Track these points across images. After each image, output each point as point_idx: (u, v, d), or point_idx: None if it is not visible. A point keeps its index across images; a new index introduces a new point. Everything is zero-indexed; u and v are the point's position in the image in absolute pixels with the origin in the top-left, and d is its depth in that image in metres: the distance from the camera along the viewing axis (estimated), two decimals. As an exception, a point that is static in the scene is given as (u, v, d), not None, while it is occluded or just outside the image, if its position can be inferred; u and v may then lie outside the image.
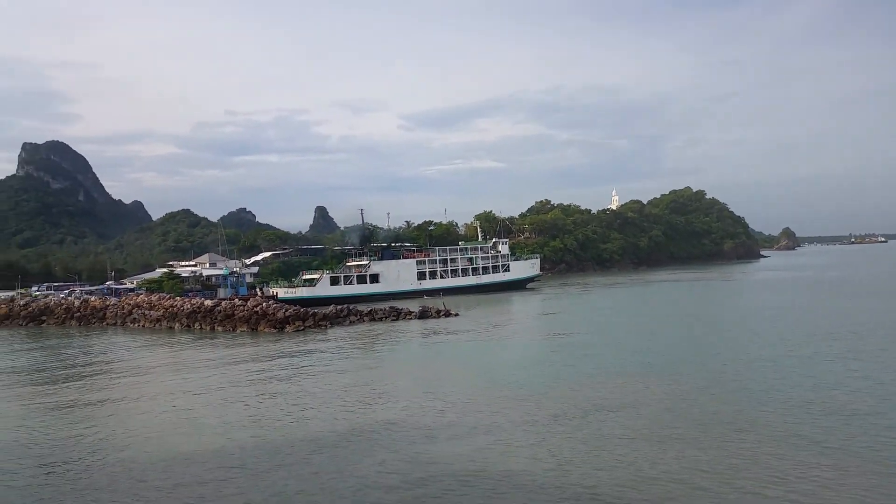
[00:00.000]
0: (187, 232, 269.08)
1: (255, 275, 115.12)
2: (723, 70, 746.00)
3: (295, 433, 24.39)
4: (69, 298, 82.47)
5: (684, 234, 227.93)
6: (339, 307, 65.82)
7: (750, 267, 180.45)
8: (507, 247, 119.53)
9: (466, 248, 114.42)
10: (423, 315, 65.73)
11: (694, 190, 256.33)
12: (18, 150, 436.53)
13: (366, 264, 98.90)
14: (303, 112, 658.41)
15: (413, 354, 45.07)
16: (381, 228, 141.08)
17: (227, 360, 44.06)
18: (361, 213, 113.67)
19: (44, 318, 77.93)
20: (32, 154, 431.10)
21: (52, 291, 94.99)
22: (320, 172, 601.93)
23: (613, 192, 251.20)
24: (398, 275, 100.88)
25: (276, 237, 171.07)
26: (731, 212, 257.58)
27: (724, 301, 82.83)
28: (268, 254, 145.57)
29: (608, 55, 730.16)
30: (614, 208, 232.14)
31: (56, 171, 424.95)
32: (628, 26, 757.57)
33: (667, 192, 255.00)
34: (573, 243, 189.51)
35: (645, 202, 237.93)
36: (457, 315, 66.95)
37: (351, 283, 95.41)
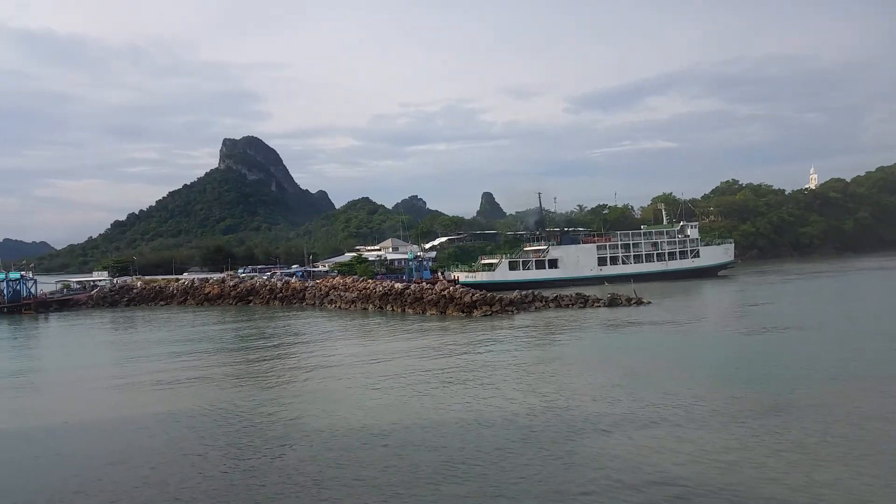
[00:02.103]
0: (367, 219, 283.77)
1: (433, 259, 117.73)
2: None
3: (473, 418, 23.10)
4: (272, 280, 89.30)
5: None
6: (523, 292, 64.47)
7: None
8: (696, 231, 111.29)
9: (651, 233, 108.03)
10: (612, 303, 62.38)
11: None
12: (220, 146, 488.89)
13: (544, 249, 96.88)
14: (469, 100, 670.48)
15: (605, 344, 41.95)
16: (554, 213, 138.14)
17: (417, 342, 44.33)
18: (539, 197, 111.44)
19: (250, 298, 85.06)
20: (231, 149, 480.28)
21: (257, 273, 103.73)
22: (486, 159, 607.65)
23: (811, 171, 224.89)
24: (578, 260, 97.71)
25: (451, 222, 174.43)
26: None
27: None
28: (444, 239, 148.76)
29: (794, 21, 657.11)
30: (812, 188, 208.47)
31: (251, 164, 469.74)
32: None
33: (872, 170, 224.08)
34: (767, 227, 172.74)
35: (848, 181, 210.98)
36: (648, 304, 62.79)
37: (529, 268, 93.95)
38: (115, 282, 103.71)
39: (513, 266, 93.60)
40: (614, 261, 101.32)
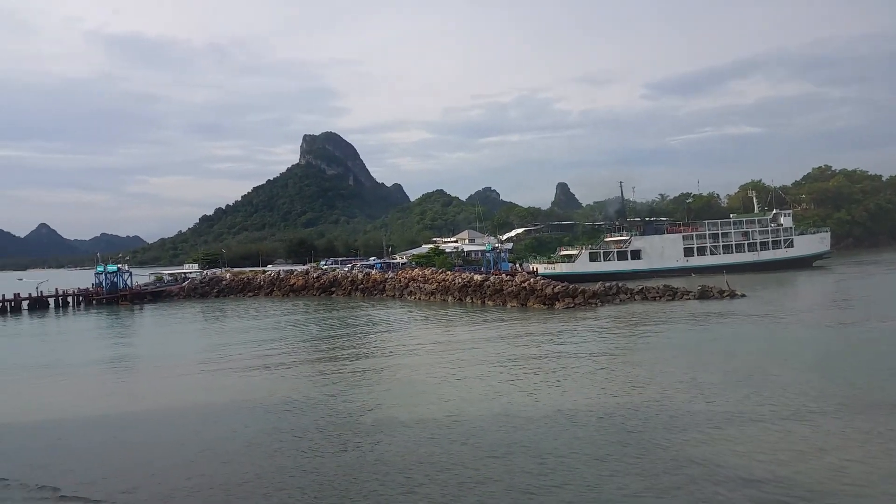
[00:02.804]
0: (441, 211, 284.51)
1: (509, 251, 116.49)
2: None
3: (566, 417, 21.97)
4: (353, 272, 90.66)
5: None
6: (607, 284, 62.55)
7: None
8: (790, 219, 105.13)
9: (741, 221, 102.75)
10: (703, 295, 59.60)
11: None
12: (300, 142, 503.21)
13: (626, 239, 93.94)
14: (543, 90, 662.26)
15: (698, 339, 39.63)
16: (635, 202, 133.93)
17: (499, 335, 43.58)
18: (620, 186, 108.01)
19: (333, 289, 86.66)
20: (311, 144, 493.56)
21: (338, 265, 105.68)
22: (560, 149, 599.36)
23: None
24: (662, 250, 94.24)
25: (527, 213, 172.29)
26: None
27: None
28: (520, 230, 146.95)
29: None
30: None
31: (330, 159, 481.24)
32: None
33: None
34: (863, 214, 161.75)
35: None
36: (742, 296, 59.60)
37: (611, 259, 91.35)
38: (205, 274, 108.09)
39: (593, 257, 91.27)
40: (702, 251, 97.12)
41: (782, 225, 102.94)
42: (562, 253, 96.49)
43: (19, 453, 21.51)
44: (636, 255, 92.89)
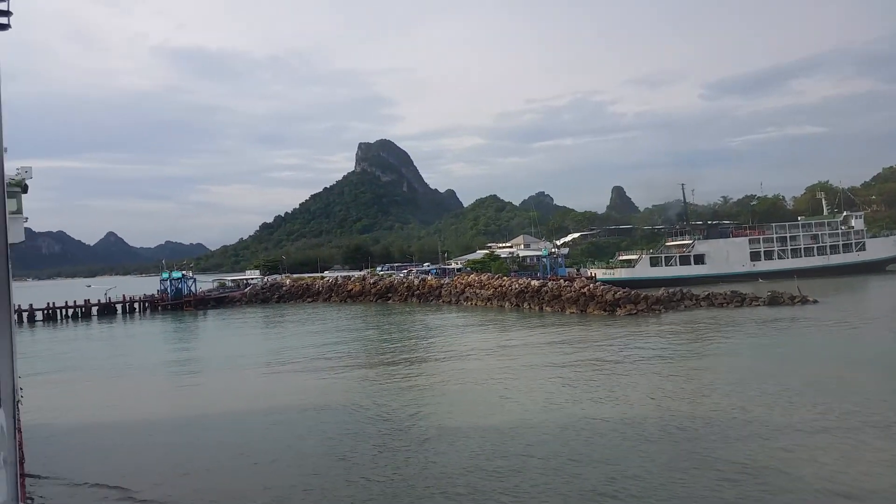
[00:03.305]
0: (495, 216, 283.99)
1: (565, 256, 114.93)
2: None
3: (634, 431, 20.88)
4: (409, 277, 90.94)
5: None
6: (670, 290, 60.69)
7: None
8: (861, 221, 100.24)
9: (810, 224, 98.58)
10: (773, 301, 57.16)
11: None
12: (355, 150, 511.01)
13: (689, 244, 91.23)
14: (597, 93, 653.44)
15: (771, 347, 37.66)
16: (696, 205, 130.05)
17: (559, 342, 42.67)
18: (682, 188, 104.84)
19: (389, 294, 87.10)
20: (366, 152, 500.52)
21: (394, 271, 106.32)
22: (615, 152, 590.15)
23: None
24: (727, 255, 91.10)
25: (583, 218, 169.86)
26: None
27: None
28: (576, 234, 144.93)
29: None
30: None
31: (384, 166, 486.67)
32: None
33: None
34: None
35: None
36: (815, 302, 56.94)
37: (673, 263, 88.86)
38: (266, 280, 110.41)
39: (654, 262, 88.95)
40: (769, 255, 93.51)
41: (853, 227, 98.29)
42: (621, 258, 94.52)
43: (89, 453, 22.03)
44: (699, 259, 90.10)
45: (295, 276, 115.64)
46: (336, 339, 50.68)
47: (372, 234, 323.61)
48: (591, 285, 62.18)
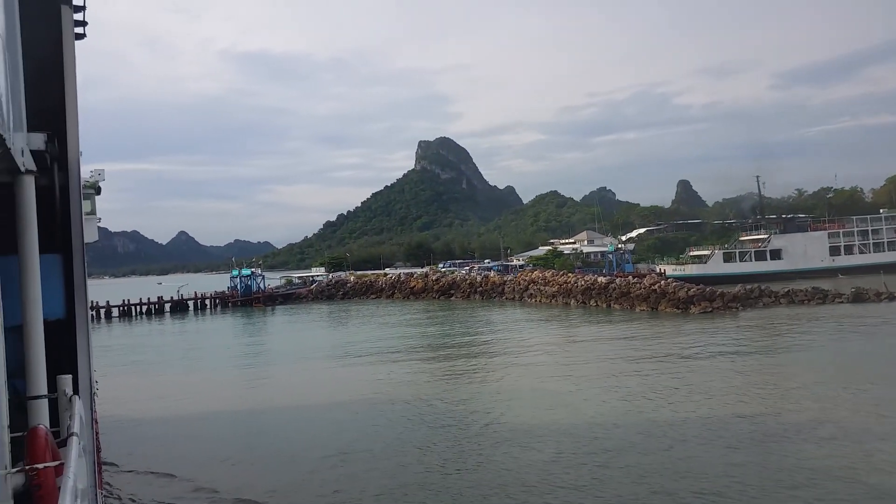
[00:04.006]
0: (555, 212, 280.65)
1: (631, 251, 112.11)
2: None
3: (725, 443, 19.40)
4: (471, 274, 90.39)
5: None
6: (747, 287, 57.97)
7: None
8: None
9: (893, 217, 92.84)
10: (858, 298, 53.83)
11: None
12: (415, 148, 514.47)
13: (764, 238, 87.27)
14: (661, 84, 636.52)
15: (862, 348, 35.22)
16: (770, 198, 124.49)
17: (629, 341, 41.02)
18: (757, 181, 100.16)
19: (451, 291, 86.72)
20: (426, 150, 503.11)
21: (456, 268, 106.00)
22: (680, 145, 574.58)
23: None
24: (805, 250, 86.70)
25: (649, 213, 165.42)
26: None
27: None
28: (642, 230, 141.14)
29: None
30: None
31: (444, 164, 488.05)
32: None
33: None
34: None
35: None
36: (905, 299, 53.33)
37: (747, 259, 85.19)
38: (330, 277, 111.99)
39: (728, 257, 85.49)
40: (849, 250, 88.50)
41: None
42: (692, 253, 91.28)
43: (157, 443, 22.28)
44: (776, 254, 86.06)
45: (359, 273, 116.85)
46: (401, 334, 50.62)
47: (431, 231, 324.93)
48: (663, 282, 60.07)
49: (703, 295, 54.48)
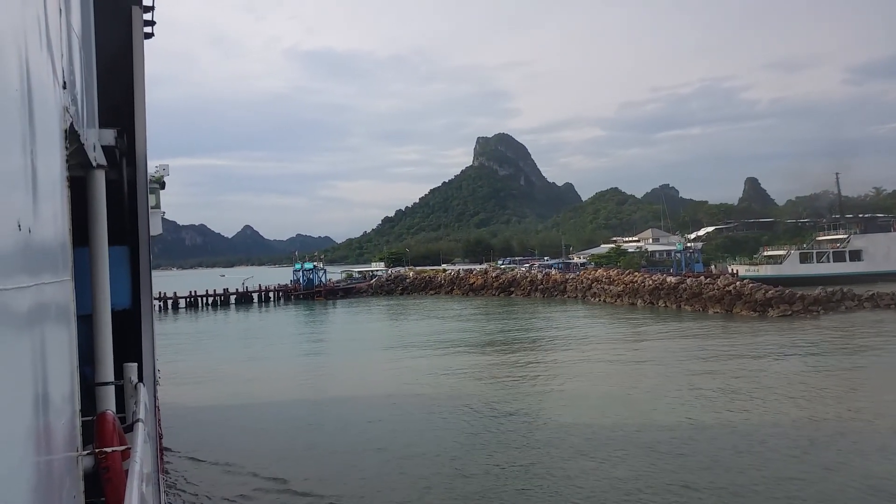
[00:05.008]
0: (616, 210, 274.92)
1: (699, 251, 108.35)
2: None
3: (776, 446, 17.63)
4: (532, 271, 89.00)
5: None
6: (829, 289, 54.69)
7: None
8: None
9: None
10: (955, 303, 50.07)
11: None
12: (474, 144, 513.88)
13: (843, 238, 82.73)
14: (728, 79, 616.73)
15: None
16: (847, 197, 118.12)
17: (702, 345, 38.85)
18: (836, 178, 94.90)
19: (512, 288, 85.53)
20: (484, 146, 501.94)
21: (516, 265, 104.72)
22: (747, 141, 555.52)
23: None
24: (888, 251, 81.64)
25: (717, 211, 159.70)
26: None
27: None
28: (710, 228, 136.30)
29: None
30: None
31: (502, 160, 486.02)
32: None
33: None
34: None
35: None
36: None
37: (825, 260, 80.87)
38: (390, 272, 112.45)
39: (804, 258, 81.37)
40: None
41: None
42: (766, 253, 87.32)
43: (216, 431, 22.20)
44: (855, 255, 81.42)
45: (418, 268, 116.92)
46: (461, 329, 50.07)
47: (488, 227, 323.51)
48: (738, 283, 57.40)
49: (783, 297, 51.64)
